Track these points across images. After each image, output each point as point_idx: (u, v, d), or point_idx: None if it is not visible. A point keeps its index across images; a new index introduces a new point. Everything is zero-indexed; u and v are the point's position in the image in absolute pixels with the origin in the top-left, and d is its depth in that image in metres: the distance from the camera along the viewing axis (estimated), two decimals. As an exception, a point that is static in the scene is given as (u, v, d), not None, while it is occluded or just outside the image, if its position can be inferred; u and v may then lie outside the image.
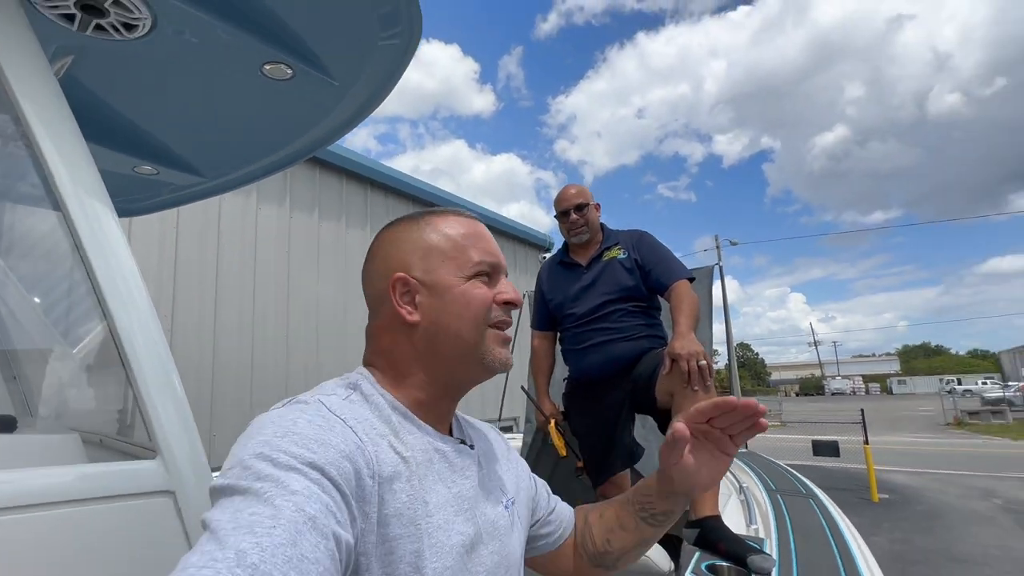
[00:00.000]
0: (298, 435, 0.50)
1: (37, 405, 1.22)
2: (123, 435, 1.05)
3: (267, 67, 1.25)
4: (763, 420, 0.65)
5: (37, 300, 1.26)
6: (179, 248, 3.49)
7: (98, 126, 1.47)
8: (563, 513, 0.86)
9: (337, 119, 1.53)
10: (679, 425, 0.66)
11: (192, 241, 3.58)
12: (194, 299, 3.54)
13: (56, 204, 0.87)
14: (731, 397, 0.64)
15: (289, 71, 1.27)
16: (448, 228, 0.69)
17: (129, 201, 1.93)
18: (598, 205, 2.00)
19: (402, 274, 0.67)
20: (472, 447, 0.71)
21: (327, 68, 1.29)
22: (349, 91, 1.38)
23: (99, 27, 1.06)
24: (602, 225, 2.02)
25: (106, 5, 1.01)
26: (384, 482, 0.55)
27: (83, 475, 0.78)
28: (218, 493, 0.47)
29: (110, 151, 1.56)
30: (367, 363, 0.70)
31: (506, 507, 0.72)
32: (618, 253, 1.92)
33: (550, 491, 0.88)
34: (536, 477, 0.87)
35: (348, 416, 0.57)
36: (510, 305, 0.69)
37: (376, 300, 0.69)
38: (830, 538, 1.48)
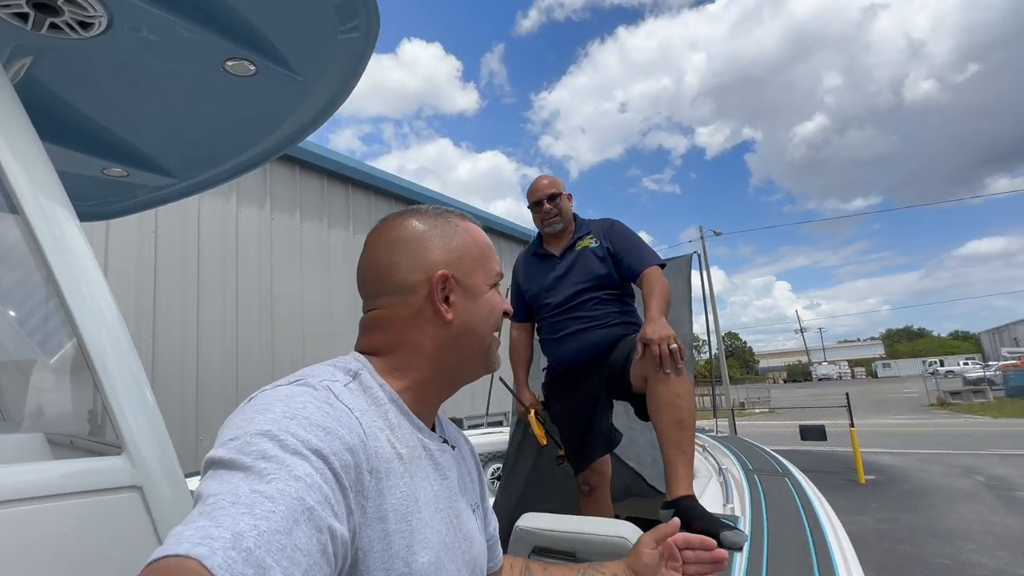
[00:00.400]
0: (307, 419, 0.49)
1: (6, 408, 1.22)
2: (94, 435, 1.05)
3: (229, 63, 1.25)
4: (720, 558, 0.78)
5: (8, 308, 1.25)
6: (158, 251, 3.46)
7: (64, 128, 1.46)
8: (496, 549, 0.87)
9: (305, 116, 1.53)
10: (675, 522, 0.81)
11: (172, 243, 3.54)
12: (176, 302, 3.51)
13: (15, 210, 0.86)
14: (712, 541, 0.79)
15: (252, 67, 1.27)
16: (477, 235, 0.74)
17: (103, 204, 1.91)
18: (570, 195, 2.02)
19: (446, 272, 0.67)
20: (453, 447, 0.73)
21: (289, 63, 1.29)
22: (314, 86, 1.38)
23: (54, 26, 1.05)
24: (575, 215, 2.05)
25: (59, 3, 1.00)
26: (381, 477, 0.54)
27: (47, 472, 0.78)
28: (218, 464, 0.45)
29: (78, 153, 1.55)
30: (366, 351, 0.68)
31: (473, 511, 0.74)
32: (590, 242, 1.94)
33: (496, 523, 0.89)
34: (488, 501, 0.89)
35: (355, 406, 0.56)
36: (506, 316, 0.75)
37: (403, 291, 0.67)
38: (802, 515, 1.51)
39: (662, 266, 1.84)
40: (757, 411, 21.61)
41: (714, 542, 0.77)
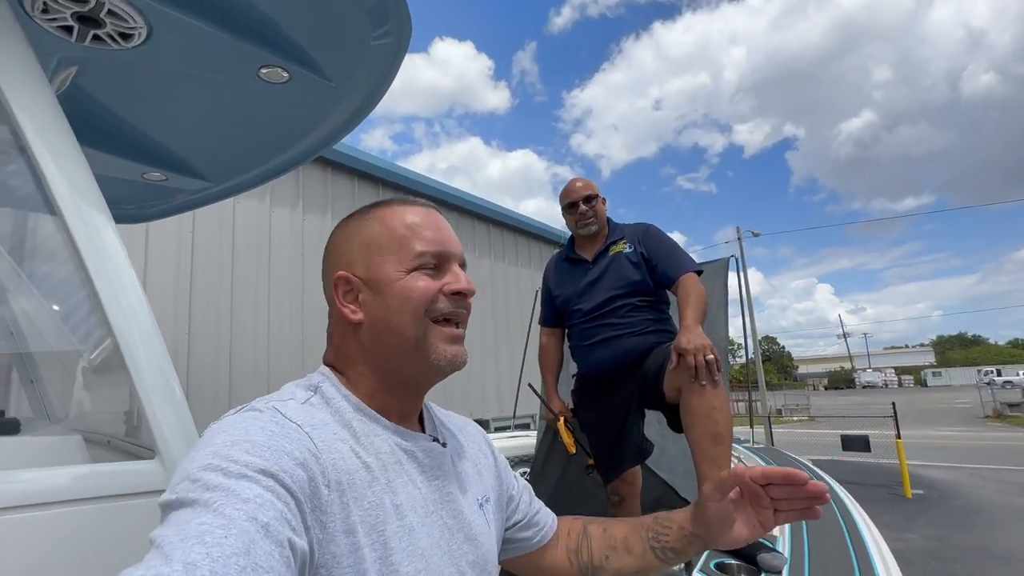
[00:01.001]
0: (249, 442, 0.48)
1: (48, 408, 1.26)
2: (131, 436, 1.08)
3: (264, 71, 1.27)
4: (820, 509, 0.64)
5: (49, 308, 1.29)
6: (195, 252, 3.58)
7: (106, 134, 1.51)
8: (546, 518, 0.85)
9: (336, 120, 1.54)
10: (739, 468, 0.67)
11: (209, 244, 3.66)
12: (211, 303, 3.62)
13: (54, 213, 0.89)
14: (803, 474, 0.63)
15: (285, 74, 1.28)
16: (392, 220, 0.66)
17: (143, 207, 1.98)
18: (604, 199, 1.98)
19: (343, 272, 0.65)
20: (444, 445, 0.69)
21: (322, 70, 1.29)
22: (346, 92, 1.39)
23: (97, 38, 1.08)
24: (608, 219, 2.00)
25: (102, 15, 1.03)
26: (344, 490, 0.53)
27: (81, 476, 0.80)
28: (166, 509, 0.44)
29: (119, 158, 1.60)
30: (327, 362, 0.68)
31: (480, 506, 0.70)
32: (624, 247, 1.89)
33: (533, 494, 0.87)
34: (519, 478, 0.86)
35: (304, 421, 0.55)
36: (460, 296, 0.65)
37: (328, 301, 0.68)
38: (846, 535, 1.43)
39: (699, 272, 1.78)
40: (795, 418, 20.89)
41: (805, 475, 0.62)
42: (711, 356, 1.45)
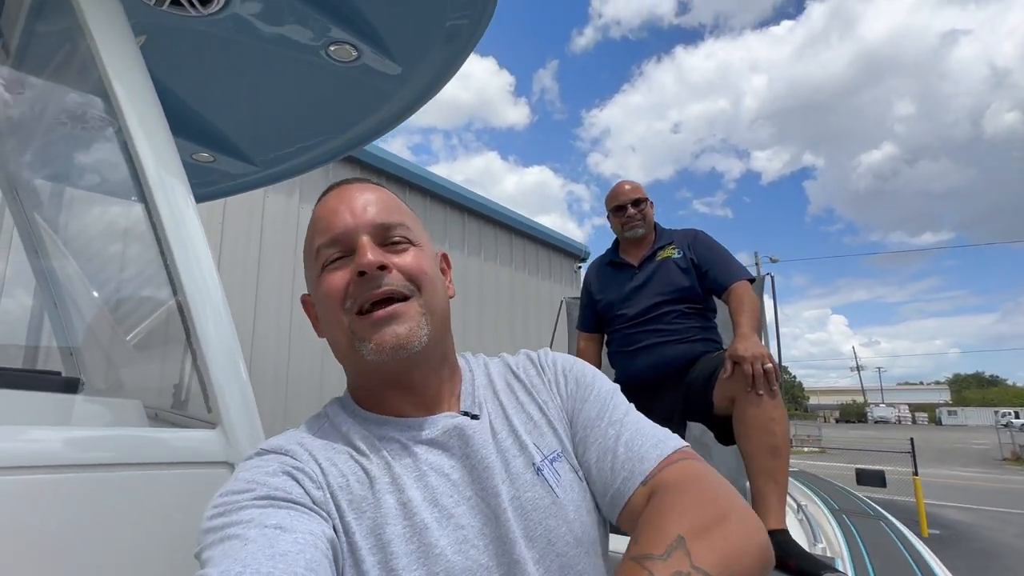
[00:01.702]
0: (237, 481, 0.52)
1: (100, 374, 1.24)
2: (177, 409, 1.05)
3: (332, 48, 1.25)
4: None
5: (111, 286, 1.28)
6: (224, 244, 3.59)
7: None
8: (628, 470, 0.60)
9: (395, 106, 1.52)
10: None
11: (237, 237, 3.66)
12: (235, 296, 3.61)
13: (140, 187, 0.88)
14: None
15: (355, 52, 1.26)
16: (315, 214, 0.64)
17: (187, 189, 1.97)
18: (652, 203, 1.94)
19: (305, 294, 0.67)
20: (477, 417, 0.61)
21: (391, 51, 1.27)
22: (411, 76, 1.37)
23: (176, 3, 1.07)
24: (655, 224, 1.96)
25: (184, -21, 1.02)
26: (336, 492, 0.54)
27: (146, 439, 0.77)
28: (198, 567, 0.47)
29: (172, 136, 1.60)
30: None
31: (538, 471, 0.58)
32: (672, 252, 1.85)
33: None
34: (616, 424, 0.64)
35: (290, 449, 0.57)
36: (364, 276, 0.56)
37: None
38: (909, 559, 1.35)
39: (751, 281, 1.73)
40: (806, 450, 20.46)
41: None
42: (769, 365, 1.40)
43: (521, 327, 6.32)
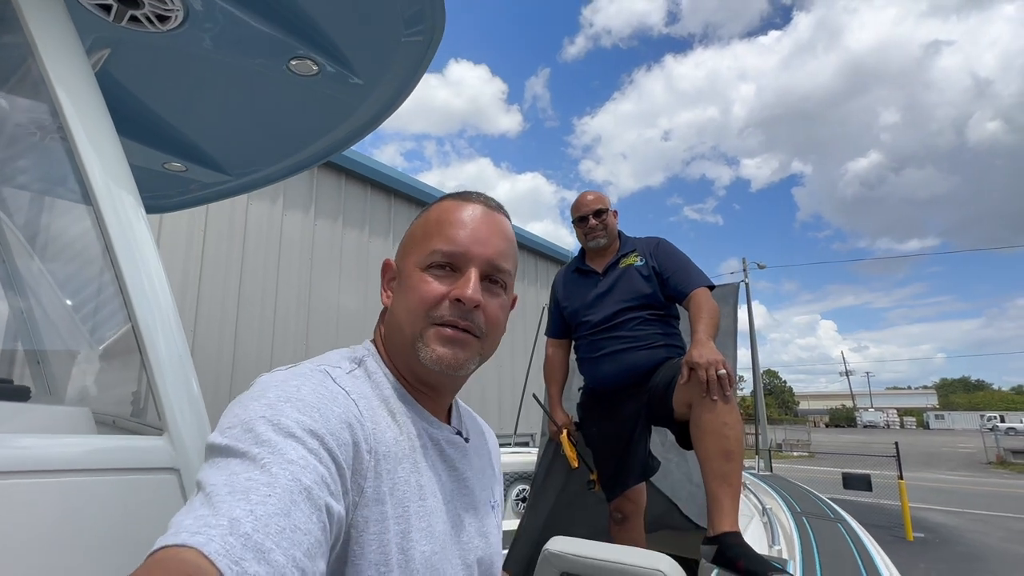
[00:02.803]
0: (301, 401, 0.50)
1: (54, 385, 1.25)
2: (135, 417, 1.07)
3: (293, 63, 1.28)
4: None
5: (64, 295, 1.29)
6: (206, 249, 3.59)
7: (130, 121, 1.52)
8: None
9: (360, 118, 1.55)
10: None
11: (219, 242, 3.67)
12: (217, 300, 3.61)
13: (87, 198, 0.89)
14: None
15: (315, 67, 1.30)
16: (433, 213, 0.68)
17: (157, 197, 1.99)
18: (615, 212, 1.98)
19: (389, 260, 0.70)
20: (467, 440, 0.71)
21: (352, 65, 1.31)
22: (372, 89, 1.40)
23: (135, 19, 1.10)
24: (619, 232, 2.00)
25: (142, -3, 1.04)
26: (381, 459, 0.55)
27: (91, 446, 0.79)
28: (215, 452, 0.46)
29: (141, 146, 1.62)
30: (374, 339, 0.71)
31: (492, 507, 0.72)
32: (635, 260, 1.88)
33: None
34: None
35: (351, 389, 0.57)
36: (459, 304, 0.63)
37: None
38: (859, 564, 1.39)
39: (711, 288, 1.77)
40: (795, 454, 20.56)
41: None
42: (723, 371, 1.43)
43: (508, 333, 6.34)
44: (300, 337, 4.04)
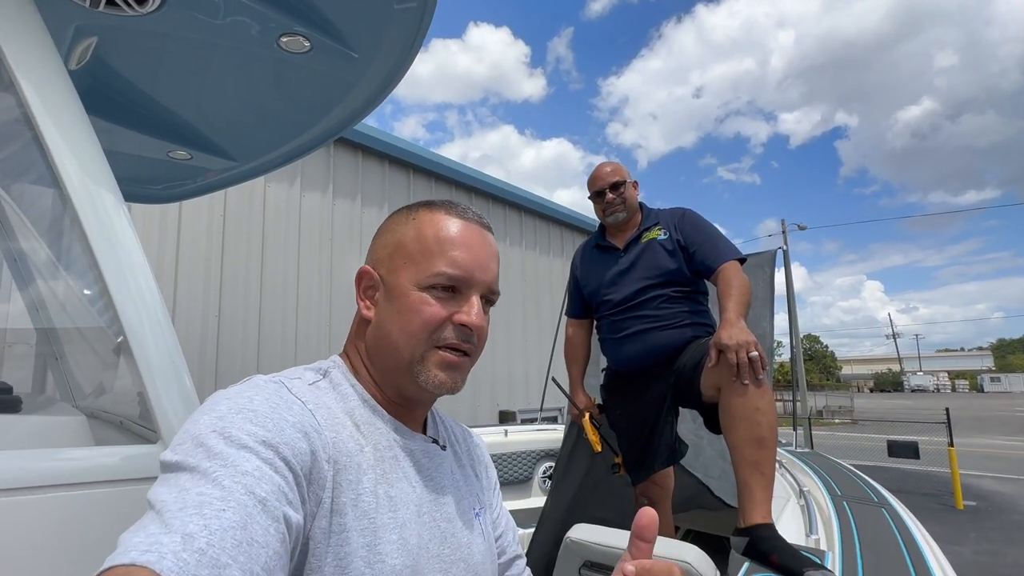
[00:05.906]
0: (254, 412, 0.49)
1: (72, 386, 1.26)
2: (143, 419, 1.06)
3: (284, 39, 1.21)
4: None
5: (65, 289, 1.28)
6: (226, 233, 3.63)
7: (130, 110, 1.49)
8: (515, 565, 0.80)
9: (361, 94, 1.47)
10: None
11: (239, 226, 3.70)
12: (239, 283, 3.67)
13: (61, 193, 0.85)
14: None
15: (307, 43, 1.22)
16: (427, 228, 0.64)
17: (171, 187, 1.98)
18: (636, 183, 1.85)
19: (368, 268, 0.66)
20: (444, 448, 0.69)
21: (344, 38, 1.23)
22: (370, 63, 1.32)
23: (111, 3, 1.04)
24: (641, 204, 1.87)
25: (114, -21, 0.98)
26: (341, 470, 0.53)
27: (83, 459, 0.77)
28: (166, 468, 0.45)
29: (144, 135, 1.59)
30: (344, 351, 0.69)
31: (476, 515, 0.70)
32: (658, 234, 1.76)
33: (518, 540, 0.83)
34: (510, 520, 0.82)
35: (309, 399, 0.56)
36: (464, 329, 0.62)
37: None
38: (905, 555, 1.29)
39: (742, 261, 1.64)
40: (837, 421, 20.06)
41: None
42: (755, 353, 1.33)
43: (534, 307, 6.29)
44: (323, 318, 4.08)
